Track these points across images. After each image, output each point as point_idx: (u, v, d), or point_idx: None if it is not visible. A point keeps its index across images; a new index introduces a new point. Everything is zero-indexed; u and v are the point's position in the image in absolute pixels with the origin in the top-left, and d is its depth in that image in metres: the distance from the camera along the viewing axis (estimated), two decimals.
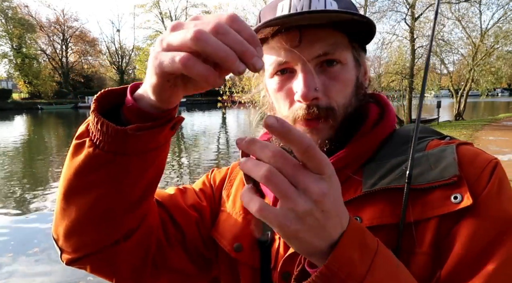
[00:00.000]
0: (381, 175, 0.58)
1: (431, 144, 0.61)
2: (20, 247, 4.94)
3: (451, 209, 0.52)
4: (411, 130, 0.59)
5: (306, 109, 0.59)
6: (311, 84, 0.58)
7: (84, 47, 52.68)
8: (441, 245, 0.52)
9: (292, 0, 0.60)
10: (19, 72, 44.91)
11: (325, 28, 0.59)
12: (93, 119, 0.51)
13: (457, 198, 0.51)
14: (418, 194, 0.54)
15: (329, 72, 0.60)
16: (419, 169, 0.56)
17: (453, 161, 0.54)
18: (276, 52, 0.61)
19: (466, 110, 23.10)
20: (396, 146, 0.63)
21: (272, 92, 0.65)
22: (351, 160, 0.62)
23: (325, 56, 0.59)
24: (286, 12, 0.60)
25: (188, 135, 19.51)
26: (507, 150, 9.30)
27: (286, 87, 0.62)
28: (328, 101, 0.60)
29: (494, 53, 19.34)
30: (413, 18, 16.99)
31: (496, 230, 0.50)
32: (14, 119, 30.97)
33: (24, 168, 10.81)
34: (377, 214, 0.55)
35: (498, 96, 64.71)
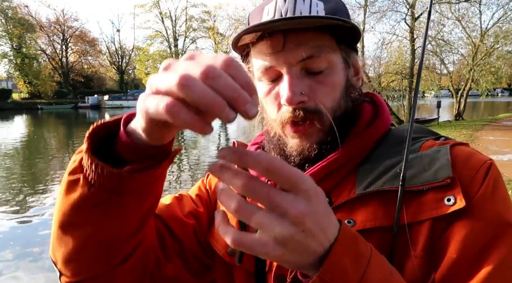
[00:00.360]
0: (375, 176, 0.58)
1: (426, 145, 0.61)
2: (20, 247, 4.93)
3: (444, 211, 0.51)
4: (406, 130, 0.59)
5: (292, 112, 0.59)
6: (296, 88, 0.58)
7: (84, 47, 52.69)
8: (435, 247, 0.51)
9: (277, 3, 0.60)
10: (19, 72, 44.92)
11: (310, 31, 0.58)
12: (86, 159, 0.49)
13: (450, 200, 0.51)
14: (411, 196, 0.54)
15: (315, 76, 0.60)
16: (413, 170, 0.55)
17: (446, 162, 0.54)
18: (261, 56, 0.61)
19: (466, 110, 23.09)
20: (391, 146, 0.62)
21: (261, 96, 0.65)
22: (345, 161, 0.61)
23: (310, 59, 0.58)
24: (271, 16, 0.60)
25: (188, 135, 19.51)
26: (507, 150, 9.30)
27: (274, 92, 0.63)
28: (315, 104, 0.59)
29: (494, 53, 19.34)
30: (413, 18, 16.99)
31: (490, 233, 0.50)
32: (14, 119, 30.96)
33: (24, 168, 10.81)
34: (371, 217, 0.55)
35: (498, 96, 64.71)
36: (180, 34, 57.30)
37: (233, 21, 15.98)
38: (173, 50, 56.64)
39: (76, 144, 16.37)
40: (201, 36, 57.54)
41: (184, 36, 57.19)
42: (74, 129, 23.70)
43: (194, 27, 57.33)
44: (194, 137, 18.60)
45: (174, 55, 56.13)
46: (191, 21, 57.21)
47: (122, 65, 56.70)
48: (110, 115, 8.72)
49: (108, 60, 56.65)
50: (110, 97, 43.71)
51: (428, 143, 0.61)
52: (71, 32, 51.73)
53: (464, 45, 20.66)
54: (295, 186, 0.38)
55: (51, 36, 50.67)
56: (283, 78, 0.60)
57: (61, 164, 11.19)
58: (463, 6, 18.80)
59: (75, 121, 30.38)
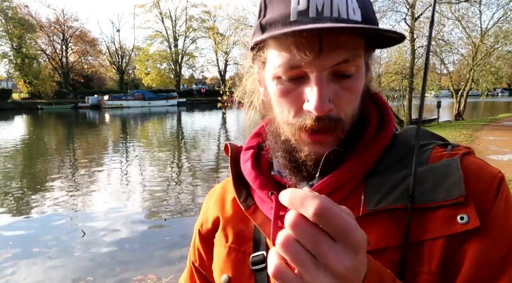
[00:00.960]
0: (385, 192, 0.55)
1: (434, 155, 0.58)
2: (19, 247, 4.93)
3: (457, 229, 0.50)
4: (412, 137, 0.57)
5: (316, 120, 0.54)
6: (325, 96, 0.53)
7: (84, 47, 52.66)
8: (449, 265, 0.51)
9: None
10: (19, 72, 44.89)
11: (347, 33, 0.53)
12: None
13: (464, 219, 0.50)
14: (423, 213, 0.52)
15: (343, 81, 0.55)
16: (424, 186, 0.53)
17: (459, 179, 0.52)
18: (288, 53, 0.53)
19: (466, 110, 23.10)
20: (398, 156, 0.59)
21: (275, 95, 0.58)
22: (356, 173, 0.58)
23: (344, 63, 0.53)
24: (303, 6, 0.52)
25: (188, 135, 19.51)
26: (507, 150, 9.30)
27: (294, 92, 0.55)
28: (338, 112, 0.55)
29: (494, 53, 19.33)
30: (413, 18, 16.96)
31: (505, 250, 0.49)
32: (14, 119, 30.96)
33: (24, 168, 10.80)
34: (382, 236, 0.53)
35: (498, 96, 64.68)
36: (180, 34, 57.30)
37: (233, 21, 15.97)
38: (173, 50, 56.62)
39: (76, 144, 16.38)
40: (201, 36, 57.56)
41: (184, 36, 57.20)
42: (74, 129, 23.70)
43: (194, 27, 57.35)
44: (194, 137, 18.60)
45: (174, 55, 56.18)
46: (191, 21, 57.23)
47: (122, 65, 56.67)
48: (110, 115, 8.74)
49: (108, 60, 56.63)
50: (110, 97, 43.67)
51: (436, 152, 0.58)
52: (71, 32, 51.72)
53: (464, 45, 20.68)
54: (346, 238, 0.36)
55: (51, 36, 50.67)
56: (308, 80, 0.54)
57: (61, 164, 11.19)
58: (463, 6, 18.80)
59: (75, 121, 30.38)
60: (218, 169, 10.03)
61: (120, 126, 25.47)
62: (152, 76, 54.18)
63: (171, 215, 6.11)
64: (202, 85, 70.13)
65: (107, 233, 5.36)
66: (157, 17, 56.12)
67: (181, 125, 25.27)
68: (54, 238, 5.26)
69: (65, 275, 4.17)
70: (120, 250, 4.80)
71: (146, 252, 4.67)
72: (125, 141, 16.87)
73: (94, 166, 10.56)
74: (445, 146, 0.60)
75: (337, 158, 0.57)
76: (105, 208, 6.54)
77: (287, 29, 0.51)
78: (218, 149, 14.27)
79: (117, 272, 4.20)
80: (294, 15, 0.52)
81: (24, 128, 24.90)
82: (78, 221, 5.92)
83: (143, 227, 5.64)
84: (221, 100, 14.55)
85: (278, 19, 0.53)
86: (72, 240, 5.16)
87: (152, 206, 6.69)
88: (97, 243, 5.02)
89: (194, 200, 6.98)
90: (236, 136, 18.12)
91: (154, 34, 56.14)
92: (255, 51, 0.60)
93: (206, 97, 52.18)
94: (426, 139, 0.62)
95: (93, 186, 8.27)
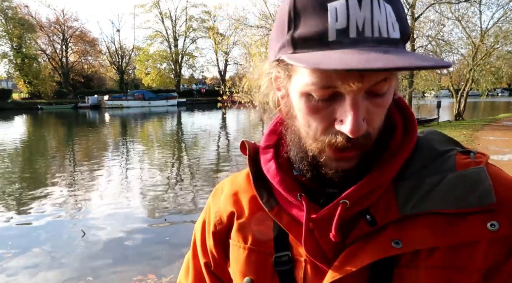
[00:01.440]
0: (420, 196, 0.55)
1: (460, 162, 0.58)
2: (19, 247, 4.94)
3: (488, 236, 0.52)
4: (435, 141, 0.60)
5: (347, 140, 0.51)
6: (360, 117, 0.50)
7: (84, 47, 52.67)
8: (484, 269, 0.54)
9: (349, 6, 0.47)
10: (19, 72, 44.92)
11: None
12: None
13: (495, 226, 0.52)
14: (456, 218, 0.54)
15: (376, 99, 0.52)
16: (456, 192, 0.54)
17: (489, 187, 0.53)
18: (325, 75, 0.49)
19: (466, 110, 23.08)
20: (425, 161, 0.59)
21: (302, 111, 0.54)
22: (386, 179, 0.57)
23: (381, 83, 0.50)
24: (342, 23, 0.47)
25: (188, 135, 19.51)
26: (507, 150, 9.30)
27: (325, 111, 0.52)
28: (368, 129, 0.53)
29: (494, 53, 19.33)
30: (413, 18, 16.96)
31: None
32: (14, 119, 30.97)
33: (24, 168, 10.81)
34: (418, 238, 0.54)
35: (498, 96, 64.69)
36: (180, 34, 57.31)
37: (233, 21, 15.97)
38: (173, 50, 56.64)
39: (76, 144, 16.38)
40: (201, 36, 57.57)
41: (184, 36, 57.21)
42: (74, 129, 23.70)
43: (194, 27, 57.36)
44: (194, 137, 18.60)
45: (174, 55, 56.19)
46: (191, 21, 57.25)
47: (122, 65, 56.69)
48: (110, 115, 8.76)
49: (108, 60, 56.65)
50: (110, 97, 43.69)
51: (461, 159, 0.58)
52: (71, 32, 51.72)
53: (464, 45, 20.66)
54: None
55: (51, 36, 50.68)
56: (341, 99, 0.51)
57: (61, 164, 11.19)
58: (463, 6, 18.80)
59: (75, 121, 30.38)
60: (218, 169, 10.03)
61: (120, 126, 25.48)
62: (152, 76, 54.19)
63: (171, 215, 6.11)
64: (202, 85, 70.14)
65: (107, 233, 5.36)
66: (157, 17, 56.16)
67: (181, 125, 25.27)
68: (54, 238, 5.27)
69: (65, 275, 4.17)
70: (120, 250, 4.80)
71: (146, 252, 4.67)
72: (125, 141, 16.88)
73: (94, 166, 10.56)
74: (466, 153, 0.60)
75: (362, 167, 0.56)
76: (105, 208, 6.54)
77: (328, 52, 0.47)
78: (218, 149, 14.28)
79: (117, 272, 4.20)
80: (333, 35, 0.47)
81: (24, 128, 24.91)
82: (78, 221, 5.92)
83: (143, 226, 5.64)
84: (221, 100, 14.57)
85: (314, 37, 0.48)
86: (72, 240, 5.16)
87: (152, 206, 6.70)
88: (97, 243, 5.03)
89: (194, 200, 6.99)
90: (236, 136, 18.13)
91: (154, 34, 56.17)
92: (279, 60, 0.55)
93: (206, 97, 52.20)
94: (446, 144, 0.62)
95: (93, 186, 8.28)
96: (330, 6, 0.48)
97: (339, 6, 0.47)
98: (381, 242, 0.53)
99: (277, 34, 0.54)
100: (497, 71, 20.00)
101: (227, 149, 14.44)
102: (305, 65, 0.46)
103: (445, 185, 0.55)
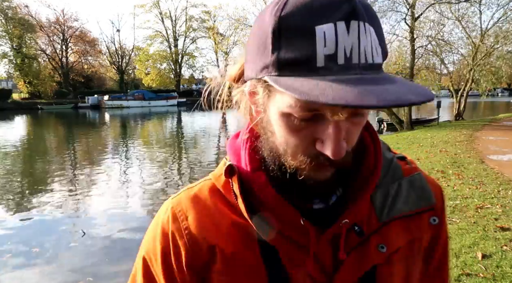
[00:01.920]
0: (390, 204, 0.64)
1: (404, 168, 0.68)
2: (19, 247, 4.94)
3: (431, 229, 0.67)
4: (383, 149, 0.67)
5: (328, 159, 0.52)
6: (342, 139, 0.50)
7: (84, 47, 52.67)
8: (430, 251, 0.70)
9: (337, 33, 0.46)
10: (19, 72, 44.94)
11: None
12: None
13: (435, 221, 0.67)
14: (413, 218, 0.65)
15: (355, 118, 0.52)
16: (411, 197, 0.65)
17: (430, 192, 0.67)
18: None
19: (466, 110, 23.08)
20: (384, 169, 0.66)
21: (282, 130, 0.53)
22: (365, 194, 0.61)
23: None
24: (331, 49, 0.46)
25: (188, 135, 19.51)
26: (507, 150, 9.30)
27: (306, 130, 0.52)
28: (347, 147, 0.53)
29: (494, 53, 19.33)
30: (413, 18, 16.96)
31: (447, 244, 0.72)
32: (14, 119, 30.97)
33: (24, 168, 10.81)
34: (396, 239, 0.63)
35: (498, 96, 64.70)
36: (180, 34, 57.32)
37: (233, 21, 15.97)
38: (173, 50, 56.64)
39: (76, 144, 16.38)
40: (201, 36, 57.60)
41: (184, 36, 57.22)
42: (74, 129, 23.70)
43: (194, 27, 57.37)
44: (194, 137, 18.60)
45: (174, 55, 56.20)
46: (191, 21, 57.25)
47: (122, 65, 56.69)
48: (110, 115, 8.75)
49: (108, 60, 56.65)
50: (110, 97, 43.68)
51: (403, 165, 0.68)
52: (71, 32, 51.73)
53: (464, 45, 20.66)
54: None
55: (51, 36, 50.67)
56: (322, 119, 0.50)
57: (61, 164, 11.19)
58: (463, 6, 18.78)
59: (75, 121, 30.38)
60: None
61: (120, 126, 25.48)
62: (152, 76, 54.20)
63: None
64: (202, 85, 70.11)
65: (107, 233, 5.36)
66: (157, 17, 56.17)
67: (181, 125, 25.28)
68: (54, 238, 5.27)
69: (65, 275, 4.17)
70: (120, 250, 4.80)
71: None
72: (125, 141, 16.88)
73: (94, 166, 10.56)
74: (402, 159, 0.70)
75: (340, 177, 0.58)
76: (105, 208, 6.54)
77: (317, 80, 0.45)
78: (218, 149, 14.27)
79: (117, 272, 4.20)
80: (321, 60, 0.46)
81: (24, 128, 24.91)
82: (78, 221, 5.93)
83: (143, 226, 5.64)
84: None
85: (301, 61, 0.46)
86: (72, 240, 5.16)
87: (152, 206, 6.70)
88: (97, 243, 5.03)
89: None
90: None
91: (154, 34, 56.18)
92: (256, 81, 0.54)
93: None
94: (388, 151, 0.70)
95: (93, 186, 8.28)
96: (318, 29, 0.46)
97: (327, 31, 0.46)
98: (371, 250, 0.60)
99: (257, 51, 0.51)
100: (497, 71, 20.00)
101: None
102: (300, 96, 0.43)
103: (404, 192, 0.65)
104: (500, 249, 3.55)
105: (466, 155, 8.46)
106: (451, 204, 4.91)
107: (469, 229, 4.06)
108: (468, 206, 4.83)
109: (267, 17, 0.50)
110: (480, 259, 3.37)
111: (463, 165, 7.21)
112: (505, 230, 4.00)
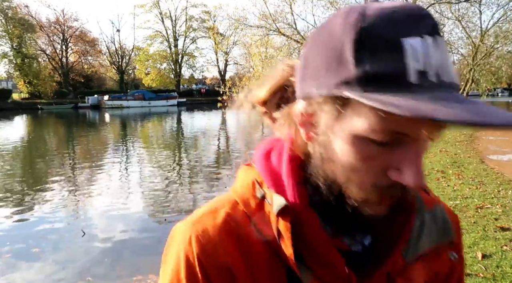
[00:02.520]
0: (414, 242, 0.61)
1: (425, 199, 0.63)
2: (19, 247, 4.93)
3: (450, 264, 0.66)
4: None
5: (402, 189, 0.47)
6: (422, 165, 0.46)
7: (84, 47, 52.72)
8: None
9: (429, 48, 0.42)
10: (19, 72, 44.99)
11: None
12: None
13: (455, 258, 0.65)
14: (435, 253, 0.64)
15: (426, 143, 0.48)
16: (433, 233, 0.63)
17: (449, 225, 0.65)
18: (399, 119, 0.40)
19: None
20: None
21: (351, 157, 0.47)
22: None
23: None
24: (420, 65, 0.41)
25: (188, 135, 19.51)
26: (507, 150, 9.30)
27: (381, 158, 0.46)
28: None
29: (494, 53, 19.32)
30: None
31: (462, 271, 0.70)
32: (14, 119, 30.97)
33: (24, 168, 10.81)
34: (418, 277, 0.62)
35: (498, 96, 64.67)
36: (180, 34, 57.36)
37: (233, 21, 15.96)
38: (173, 50, 56.65)
39: (76, 144, 16.39)
40: (201, 36, 57.63)
41: (184, 36, 57.26)
42: (74, 129, 23.70)
43: (194, 27, 57.42)
44: (194, 137, 18.61)
45: (174, 55, 56.20)
46: (191, 21, 57.30)
47: (122, 65, 56.72)
48: (110, 115, 8.74)
49: (108, 60, 56.71)
50: (110, 97, 43.71)
51: (424, 195, 0.64)
52: (71, 32, 51.77)
53: (464, 45, 20.66)
54: None
55: (51, 36, 50.71)
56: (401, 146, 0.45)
57: (61, 164, 11.19)
58: (463, 6, 18.78)
59: (75, 121, 30.38)
60: (218, 169, 10.03)
61: (120, 126, 25.49)
62: (152, 76, 54.24)
63: (172, 215, 6.11)
64: (202, 85, 70.14)
65: (107, 233, 5.36)
66: (157, 17, 56.21)
67: (181, 125, 25.27)
68: (54, 238, 5.26)
69: (64, 275, 4.17)
70: (120, 250, 4.80)
71: (147, 252, 4.67)
72: (125, 141, 16.88)
73: (94, 166, 10.56)
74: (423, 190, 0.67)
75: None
76: (105, 208, 6.54)
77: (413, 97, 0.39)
78: (218, 149, 14.28)
79: (117, 272, 4.20)
80: (415, 75, 0.41)
81: (24, 128, 24.91)
82: (78, 221, 5.92)
83: (143, 226, 5.64)
84: (221, 100, 14.55)
85: (390, 75, 0.41)
86: (72, 240, 5.16)
87: (152, 206, 6.69)
88: (97, 243, 5.03)
89: (195, 200, 6.99)
90: (236, 137, 18.12)
91: (154, 34, 56.22)
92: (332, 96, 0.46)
93: (206, 97, 52.22)
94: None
95: (93, 186, 8.27)
96: (405, 42, 0.41)
97: (416, 44, 0.41)
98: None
99: (326, 65, 0.45)
100: (497, 71, 20.00)
101: (227, 149, 14.45)
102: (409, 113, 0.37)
103: (427, 228, 0.62)
104: (500, 249, 3.55)
105: (466, 155, 8.46)
106: (451, 204, 4.91)
107: (469, 229, 4.07)
108: (468, 206, 4.84)
109: (340, 28, 0.44)
110: (480, 259, 3.37)
111: (463, 165, 7.21)
112: (505, 230, 4.00)
